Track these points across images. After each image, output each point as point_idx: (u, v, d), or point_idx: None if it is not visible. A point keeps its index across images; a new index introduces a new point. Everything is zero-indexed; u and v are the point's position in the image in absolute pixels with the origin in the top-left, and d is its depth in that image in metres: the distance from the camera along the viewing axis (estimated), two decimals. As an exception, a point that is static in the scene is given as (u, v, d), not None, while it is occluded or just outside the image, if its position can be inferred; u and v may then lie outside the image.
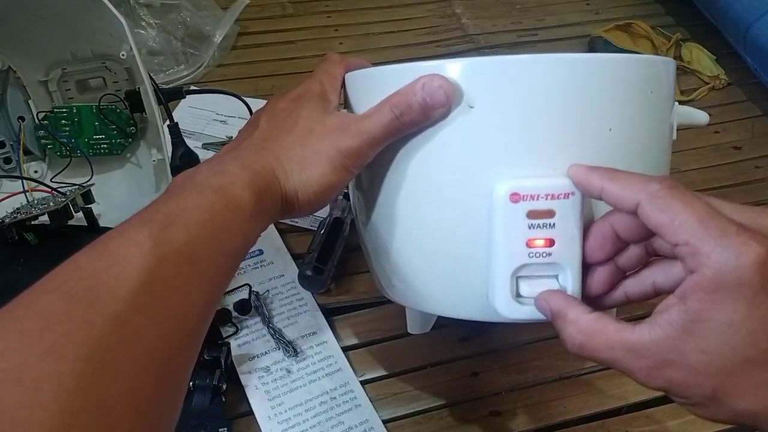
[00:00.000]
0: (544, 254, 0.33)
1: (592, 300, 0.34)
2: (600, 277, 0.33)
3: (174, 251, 0.28)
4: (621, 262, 0.33)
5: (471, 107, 0.34)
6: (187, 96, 0.59)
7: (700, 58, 0.84)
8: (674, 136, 0.40)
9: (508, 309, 0.34)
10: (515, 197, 0.33)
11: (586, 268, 0.34)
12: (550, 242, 0.33)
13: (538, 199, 0.33)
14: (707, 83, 0.82)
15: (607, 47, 0.85)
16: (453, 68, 0.35)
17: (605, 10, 0.95)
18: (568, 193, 0.33)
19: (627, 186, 0.29)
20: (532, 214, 0.33)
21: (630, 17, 0.91)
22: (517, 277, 0.34)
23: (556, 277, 0.34)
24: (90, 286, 0.26)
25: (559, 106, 0.34)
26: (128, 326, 0.25)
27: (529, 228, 0.33)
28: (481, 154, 0.35)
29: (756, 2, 0.77)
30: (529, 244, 0.33)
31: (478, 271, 0.36)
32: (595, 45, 0.87)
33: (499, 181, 0.34)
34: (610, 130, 0.35)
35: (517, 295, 0.34)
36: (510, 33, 0.91)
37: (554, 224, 0.33)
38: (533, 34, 0.91)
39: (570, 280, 0.33)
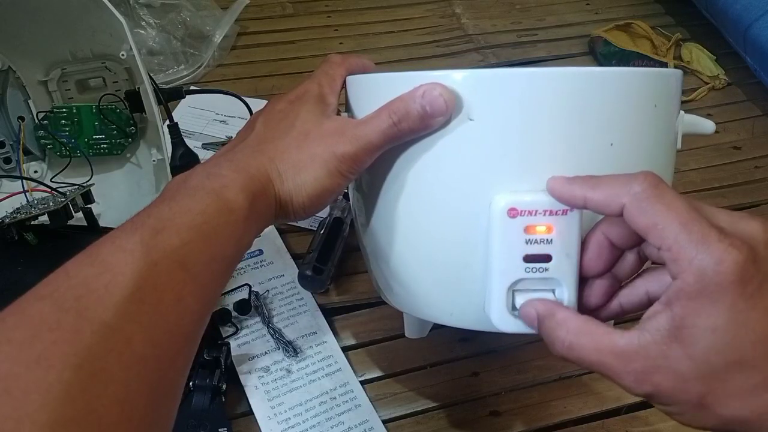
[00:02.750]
0: (541, 269, 0.33)
1: (588, 313, 0.33)
2: (597, 289, 0.33)
3: (166, 257, 0.28)
4: (616, 271, 0.32)
5: (471, 120, 0.34)
6: (187, 96, 0.59)
7: (700, 58, 0.84)
8: (679, 146, 0.39)
9: (502, 322, 0.34)
10: (513, 212, 0.33)
11: (583, 281, 0.33)
12: (547, 258, 0.33)
13: (535, 214, 0.33)
14: (707, 83, 0.82)
15: (607, 47, 0.85)
16: (455, 79, 0.34)
17: (605, 10, 0.95)
18: (566, 210, 0.32)
19: (609, 191, 0.29)
20: (529, 230, 0.33)
21: (630, 17, 0.91)
22: (513, 291, 0.34)
23: (553, 291, 0.34)
24: (80, 294, 0.25)
25: (560, 120, 0.34)
26: (118, 334, 0.25)
27: (526, 243, 0.33)
28: (480, 166, 0.35)
29: (756, 2, 0.77)
30: (525, 259, 0.33)
31: (475, 281, 0.36)
32: (594, 45, 0.87)
33: (498, 194, 0.33)
34: (611, 145, 0.34)
35: (513, 308, 0.34)
36: (510, 33, 0.91)
37: (552, 240, 0.33)
38: (533, 34, 0.91)
39: (566, 295, 0.33)
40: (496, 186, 0.34)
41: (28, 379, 0.23)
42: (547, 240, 0.33)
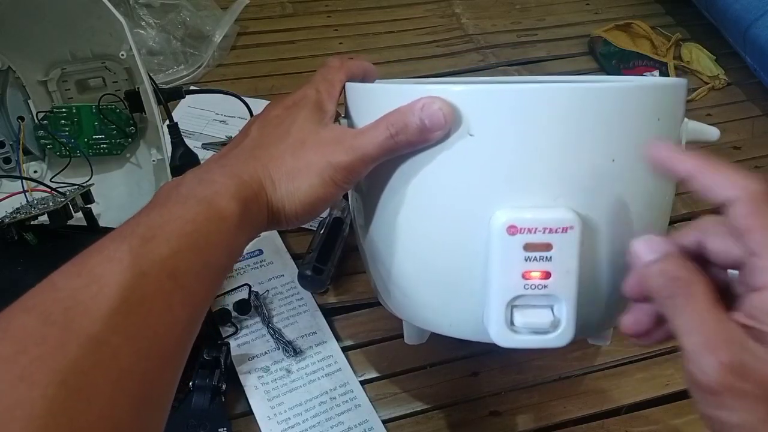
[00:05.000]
0: (540, 286, 0.33)
1: (635, 339, 0.31)
2: (641, 314, 0.30)
3: (155, 266, 0.28)
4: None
5: (471, 135, 0.34)
6: (187, 96, 0.60)
7: (700, 58, 0.84)
8: None
9: (501, 337, 0.34)
10: (512, 230, 0.33)
11: (627, 304, 0.31)
12: (546, 275, 0.33)
13: (535, 232, 0.32)
14: (707, 83, 0.82)
15: (607, 47, 0.85)
16: (454, 93, 0.34)
17: (605, 10, 0.95)
18: (567, 228, 0.32)
19: (723, 179, 0.27)
20: (529, 247, 0.33)
21: (630, 17, 0.91)
22: (512, 306, 0.34)
23: (551, 307, 0.34)
24: (66, 306, 0.25)
25: (560, 136, 0.33)
26: (105, 348, 0.25)
27: (526, 260, 0.33)
28: (479, 181, 0.34)
29: (755, 2, 0.77)
30: (525, 276, 0.33)
31: (475, 294, 0.36)
32: (594, 45, 0.87)
33: (498, 209, 0.33)
34: (613, 160, 0.34)
35: (511, 324, 0.34)
36: (510, 33, 0.91)
37: (551, 257, 0.33)
38: (533, 34, 0.91)
39: (565, 312, 0.33)
40: (496, 201, 0.34)
41: (12, 396, 0.22)
42: (546, 257, 0.33)
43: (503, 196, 0.34)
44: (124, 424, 0.25)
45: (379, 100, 0.36)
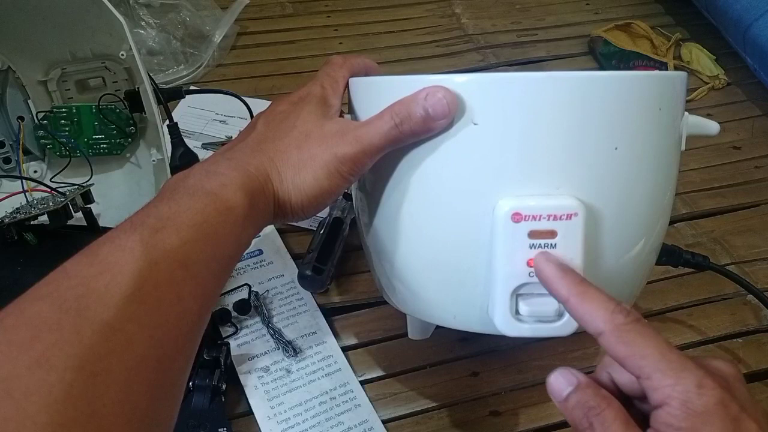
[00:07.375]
0: None
1: None
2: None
3: (166, 256, 0.28)
4: None
5: (475, 124, 0.34)
6: (187, 96, 0.60)
7: (700, 58, 0.84)
8: (683, 147, 0.39)
9: (506, 326, 0.34)
10: (517, 217, 0.33)
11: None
12: None
13: (540, 219, 0.33)
14: (707, 83, 0.82)
15: (607, 47, 0.85)
16: (458, 82, 0.34)
17: (605, 9, 0.95)
18: (571, 214, 0.32)
19: (593, 311, 0.29)
20: (533, 234, 0.33)
21: (630, 17, 0.91)
22: (516, 295, 0.34)
23: None
24: (80, 294, 0.25)
25: (564, 124, 0.34)
26: (119, 334, 0.25)
27: (530, 248, 0.33)
28: (483, 170, 0.35)
29: (755, 2, 0.77)
30: (530, 264, 0.33)
31: (479, 285, 0.36)
32: (594, 45, 0.87)
33: (502, 198, 0.33)
34: (616, 149, 0.34)
35: (516, 313, 0.34)
36: (510, 33, 0.91)
37: (555, 244, 0.33)
38: (533, 34, 0.91)
39: None
40: (500, 190, 0.34)
41: (29, 380, 0.22)
42: (551, 245, 0.33)
43: (507, 185, 0.34)
44: (140, 409, 0.25)
45: (383, 93, 0.37)
